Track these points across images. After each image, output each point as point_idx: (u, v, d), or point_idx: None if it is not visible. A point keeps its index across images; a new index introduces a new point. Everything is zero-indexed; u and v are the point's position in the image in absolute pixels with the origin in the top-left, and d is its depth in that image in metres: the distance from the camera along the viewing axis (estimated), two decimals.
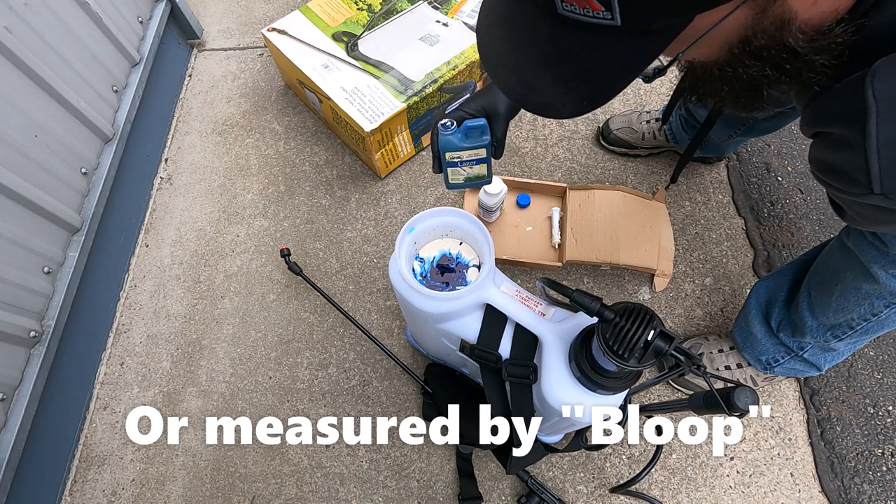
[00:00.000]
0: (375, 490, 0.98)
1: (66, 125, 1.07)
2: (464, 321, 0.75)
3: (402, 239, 0.73)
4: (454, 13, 1.29)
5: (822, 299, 0.78)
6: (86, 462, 1.05)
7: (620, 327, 0.52)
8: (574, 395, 0.64)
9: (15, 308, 0.92)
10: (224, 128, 1.42)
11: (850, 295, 0.73)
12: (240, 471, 1.01)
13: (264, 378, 1.09)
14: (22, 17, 0.98)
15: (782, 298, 0.87)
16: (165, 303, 1.19)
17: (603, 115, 1.33)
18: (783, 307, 0.87)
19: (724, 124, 1.07)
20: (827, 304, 0.77)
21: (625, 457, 0.97)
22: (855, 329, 0.76)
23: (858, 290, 0.72)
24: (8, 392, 0.90)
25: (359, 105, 1.15)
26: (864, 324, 0.74)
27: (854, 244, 0.71)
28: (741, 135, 1.07)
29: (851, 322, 0.76)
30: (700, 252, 1.15)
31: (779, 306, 0.87)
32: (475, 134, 0.68)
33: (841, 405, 0.99)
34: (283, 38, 1.28)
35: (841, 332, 0.78)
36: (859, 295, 0.72)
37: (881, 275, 0.67)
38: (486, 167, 0.72)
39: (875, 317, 0.72)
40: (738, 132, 1.06)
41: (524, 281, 1.14)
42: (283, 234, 1.25)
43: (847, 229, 0.74)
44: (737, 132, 1.06)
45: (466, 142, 0.69)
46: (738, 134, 1.07)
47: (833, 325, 0.78)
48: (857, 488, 0.93)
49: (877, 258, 0.67)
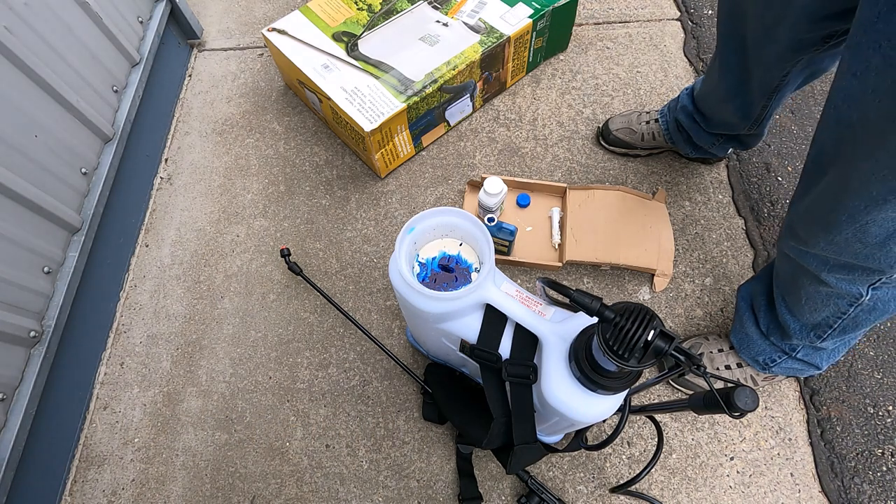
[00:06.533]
0: (375, 490, 0.98)
1: (66, 125, 1.07)
2: (464, 321, 0.75)
3: (402, 239, 0.73)
4: (454, 13, 1.29)
5: (795, 302, 0.79)
6: (86, 462, 1.05)
7: (620, 327, 0.52)
8: (574, 395, 0.64)
9: (15, 308, 0.92)
10: (224, 128, 1.42)
11: (814, 298, 0.75)
12: (240, 471, 1.01)
13: (264, 378, 1.09)
14: (22, 17, 0.98)
15: (763, 303, 0.88)
16: (165, 303, 1.19)
17: (603, 116, 1.33)
18: (767, 310, 0.88)
19: (706, 133, 1.09)
20: (800, 306, 0.78)
21: (625, 457, 0.97)
22: (833, 328, 0.77)
23: (819, 293, 0.73)
24: (8, 392, 0.90)
25: (359, 105, 1.15)
26: (838, 321, 0.75)
27: (797, 256, 0.73)
28: (724, 142, 1.09)
29: (828, 321, 0.77)
30: (700, 252, 1.15)
31: (763, 310, 0.88)
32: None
33: (841, 405, 0.99)
34: (283, 38, 1.28)
35: (822, 332, 0.79)
36: (821, 297, 0.73)
37: (830, 280, 0.69)
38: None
39: (845, 314, 0.73)
40: (718, 140, 1.09)
41: (524, 281, 1.14)
42: (283, 234, 1.25)
43: (783, 240, 0.76)
44: (719, 140, 1.09)
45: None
46: (720, 141, 1.10)
47: (814, 325, 0.79)
48: (857, 488, 0.93)
49: (819, 266, 0.69)
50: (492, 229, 1.06)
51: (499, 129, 1.34)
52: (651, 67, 1.40)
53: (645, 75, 1.39)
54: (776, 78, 0.86)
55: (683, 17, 1.49)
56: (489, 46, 1.21)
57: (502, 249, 1.11)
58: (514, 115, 1.36)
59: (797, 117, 1.30)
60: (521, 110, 1.37)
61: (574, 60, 1.43)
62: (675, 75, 1.39)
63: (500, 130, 1.34)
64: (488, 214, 1.11)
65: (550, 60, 1.44)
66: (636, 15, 1.50)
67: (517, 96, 1.39)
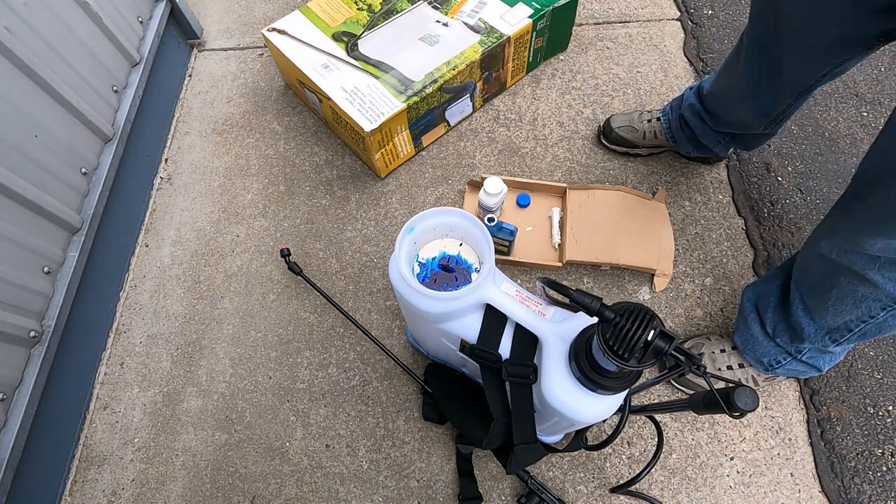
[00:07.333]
0: (375, 490, 0.98)
1: (66, 125, 1.07)
2: (464, 321, 0.75)
3: (402, 239, 0.73)
4: (454, 13, 1.29)
5: (818, 304, 0.78)
6: (86, 462, 1.05)
7: (620, 327, 0.52)
8: (574, 395, 0.64)
9: (15, 308, 0.92)
10: (224, 128, 1.42)
11: (846, 299, 0.73)
12: (240, 471, 1.01)
13: (264, 378, 1.09)
14: (22, 17, 0.98)
15: (773, 304, 0.87)
16: (165, 303, 1.19)
17: (603, 116, 1.33)
18: (776, 312, 0.87)
19: (712, 132, 1.09)
20: (824, 308, 0.77)
21: (625, 457, 0.97)
22: (853, 332, 0.76)
23: (855, 294, 0.72)
24: (8, 392, 0.90)
25: (359, 105, 1.15)
26: (861, 326, 0.74)
27: (839, 257, 0.72)
28: (728, 141, 1.08)
29: (850, 325, 0.76)
30: (700, 252, 1.15)
31: (771, 311, 0.87)
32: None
33: (841, 405, 0.99)
34: (283, 38, 1.28)
35: (839, 336, 0.78)
36: (856, 298, 0.72)
37: (878, 279, 0.68)
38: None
39: (872, 319, 0.73)
40: (724, 139, 1.09)
41: (524, 281, 1.14)
42: (283, 234, 1.25)
43: (819, 240, 0.75)
44: (724, 139, 1.08)
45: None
46: (724, 141, 1.09)
47: (832, 329, 0.78)
48: (857, 488, 0.93)
49: (868, 264, 0.68)
50: (492, 229, 1.06)
51: (499, 129, 1.34)
52: (651, 67, 1.40)
53: (645, 75, 1.39)
54: (813, 76, 0.81)
55: (683, 17, 1.49)
56: (489, 46, 1.21)
57: (502, 249, 1.11)
58: (514, 115, 1.36)
59: (797, 117, 1.30)
60: (521, 110, 1.37)
61: (574, 60, 1.43)
62: (675, 75, 1.39)
63: (500, 130, 1.34)
64: (488, 214, 1.11)
65: (550, 60, 1.44)
66: (636, 15, 1.50)
67: (517, 96, 1.39)
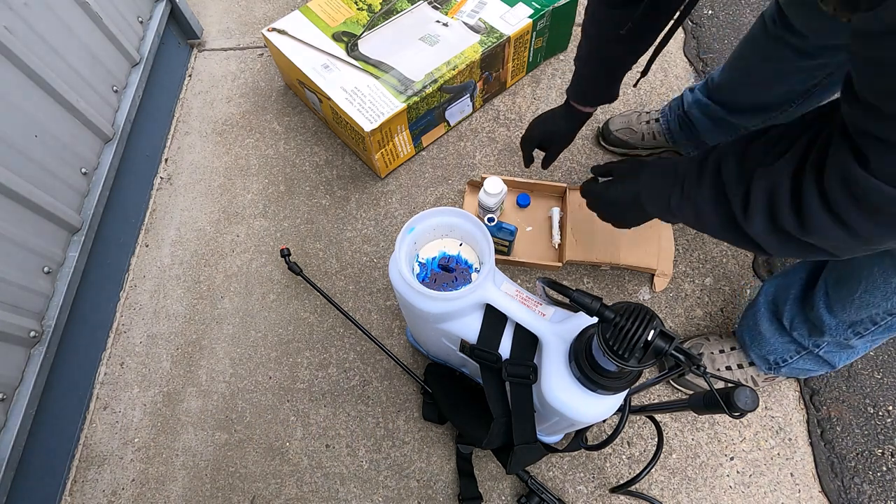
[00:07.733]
0: (375, 490, 0.98)
1: (66, 125, 1.07)
2: (464, 321, 0.75)
3: (402, 239, 0.73)
4: (454, 13, 1.29)
5: (844, 295, 0.76)
6: (86, 462, 1.05)
7: (620, 327, 0.52)
8: (574, 395, 0.64)
9: (15, 308, 0.92)
10: (224, 128, 1.42)
11: (876, 290, 0.71)
12: (240, 471, 1.01)
13: (264, 378, 1.09)
14: (22, 17, 0.98)
15: (794, 296, 0.86)
16: (165, 303, 1.19)
17: (603, 116, 1.33)
18: (795, 305, 0.85)
19: (717, 129, 1.08)
20: (849, 299, 0.75)
21: (625, 457, 0.97)
22: (878, 324, 0.75)
23: (888, 284, 0.70)
24: (8, 392, 0.90)
25: (359, 105, 1.15)
26: (888, 318, 0.73)
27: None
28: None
29: (875, 317, 0.74)
30: (700, 252, 1.15)
31: (790, 304, 0.86)
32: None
33: (841, 405, 0.99)
34: (283, 38, 1.28)
35: (863, 329, 0.77)
36: (888, 289, 0.70)
37: None
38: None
39: None
40: (732, 137, 1.08)
41: (524, 281, 1.14)
42: (283, 234, 1.25)
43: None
44: (731, 136, 1.07)
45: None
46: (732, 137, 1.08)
47: (854, 322, 0.77)
48: (857, 488, 0.93)
49: None
50: (492, 229, 1.06)
51: (499, 129, 1.34)
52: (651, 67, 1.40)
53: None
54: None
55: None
56: (489, 46, 1.21)
57: (502, 249, 1.11)
58: (514, 115, 1.36)
59: None
60: (521, 110, 1.37)
61: None
62: (675, 75, 1.39)
63: (500, 130, 1.34)
64: (488, 214, 1.11)
65: (550, 60, 1.44)
66: None
67: (517, 96, 1.39)
